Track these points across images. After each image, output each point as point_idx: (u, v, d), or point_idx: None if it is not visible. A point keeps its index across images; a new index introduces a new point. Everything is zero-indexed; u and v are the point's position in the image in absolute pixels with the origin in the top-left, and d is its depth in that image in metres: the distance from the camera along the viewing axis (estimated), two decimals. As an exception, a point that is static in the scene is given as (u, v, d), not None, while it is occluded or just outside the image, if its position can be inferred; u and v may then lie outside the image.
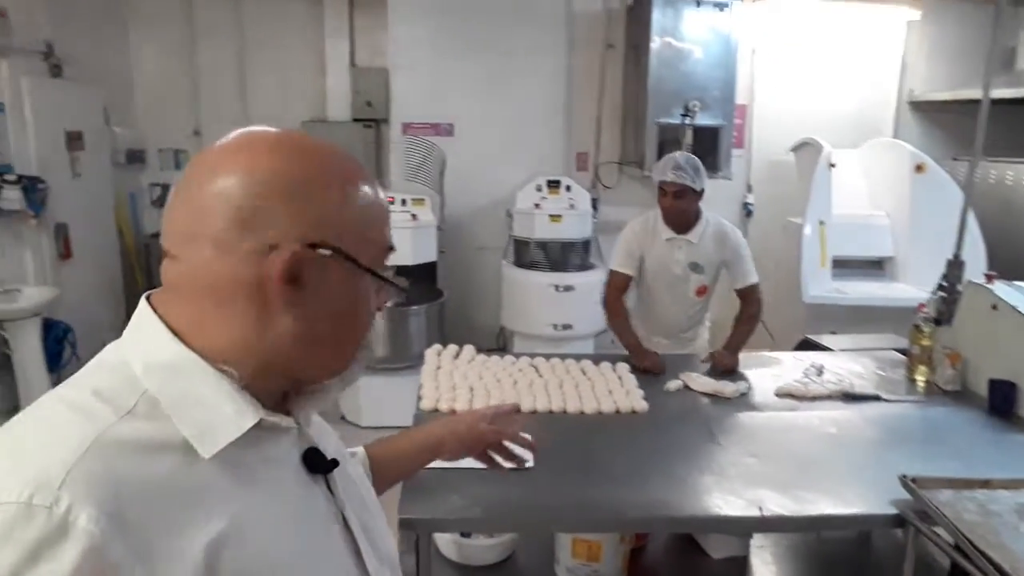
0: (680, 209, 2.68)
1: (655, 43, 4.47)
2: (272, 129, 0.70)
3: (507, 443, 1.21)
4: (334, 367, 0.73)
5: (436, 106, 4.94)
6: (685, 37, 4.51)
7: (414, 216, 4.01)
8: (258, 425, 0.66)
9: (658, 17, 4.45)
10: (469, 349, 2.55)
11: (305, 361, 0.70)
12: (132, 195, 5.18)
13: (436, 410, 2.10)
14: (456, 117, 4.96)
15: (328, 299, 0.68)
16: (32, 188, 3.74)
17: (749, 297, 2.77)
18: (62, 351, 3.86)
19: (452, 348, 2.56)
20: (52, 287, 3.89)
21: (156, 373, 0.64)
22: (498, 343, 4.99)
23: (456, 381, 2.27)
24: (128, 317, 0.70)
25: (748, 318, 2.74)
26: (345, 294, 0.69)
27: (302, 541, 0.68)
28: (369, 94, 5.30)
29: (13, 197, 3.65)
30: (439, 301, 4.12)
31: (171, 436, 0.61)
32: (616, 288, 2.79)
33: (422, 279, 4.27)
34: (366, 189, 0.70)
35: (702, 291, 2.82)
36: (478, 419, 1.20)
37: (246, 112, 5.43)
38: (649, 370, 2.47)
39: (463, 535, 2.00)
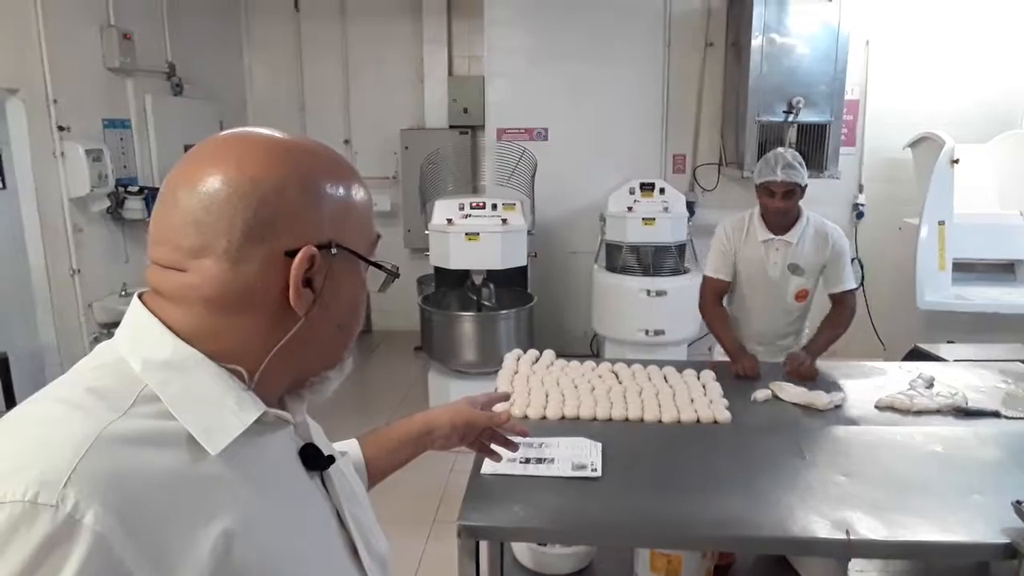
0: (787, 209, 2.55)
1: (757, 39, 4.29)
2: (253, 130, 0.70)
3: (500, 430, 1.20)
4: (336, 357, 0.75)
5: (530, 111, 4.95)
6: (789, 31, 4.30)
7: (504, 220, 4.02)
8: (258, 421, 0.66)
9: (760, 12, 4.26)
10: (549, 354, 2.51)
11: (314, 356, 0.72)
12: (244, 204, 5.49)
13: (510, 417, 2.06)
14: (550, 122, 4.95)
15: (339, 295, 0.70)
16: (153, 198, 4.03)
17: (842, 303, 2.61)
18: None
19: (532, 353, 2.53)
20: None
21: (155, 370, 0.64)
22: (590, 348, 4.92)
23: (532, 386, 2.23)
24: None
25: (837, 324, 2.58)
26: (352, 288, 0.72)
27: (303, 537, 0.68)
28: (466, 101, 5.40)
29: (136, 207, 3.95)
30: (528, 305, 4.10)
31: (173, 432, 0.61)
32: (712, 294, 2.70)
33: (512, 283, 4.27)
34: (358, 185, 0.72)
35: (802, 296, 2.66)
36: (469, 405, 1.18)
37: (349, 122, 5.66)
38: (745, 374, 2.35)
39: (539, 543, 1.97)
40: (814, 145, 4.28)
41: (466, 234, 3.94)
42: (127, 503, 0.55)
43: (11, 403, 2.99)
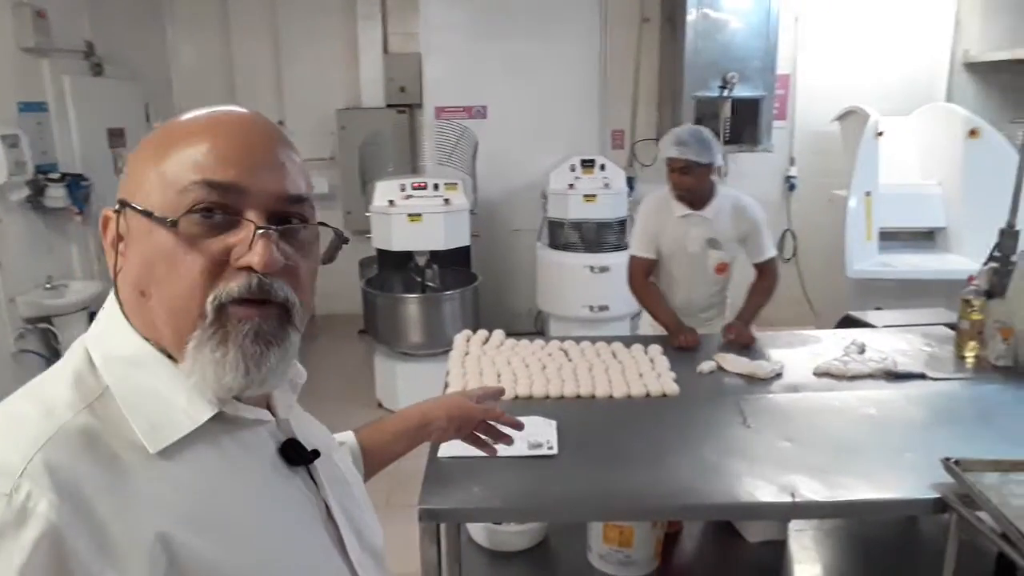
0: (687, 185, 2.59)
1: (691, 15, 4.35)
2: (199, 109, 0.70)
3: (494, 423, 1.19)
4: (168, 337, 0.66)
5: (468, 89, 4.90)
6: (723, 7, 4.37)
7: (447, 200, 3.99)
8: (223, 420, 0.66)
9: (694, -13, 4.31)
10: (498, 334, 2.53)
11: (148, 327, 0.66)
12: (175, 189, 5.29)
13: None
14: (489, 100, 4.92)
15: (133, 256, 0.67)
16: (76, 185, 3.84)
17: (766, 270, 2.70)
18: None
19: (482, 333, 2.54)
20: (98, 281, 4.01)
21: (114, 366, 0.65)
22: (535, 326, 4.96)
23: (484, 366, 2.25)
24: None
25: (763, 290, 2.68)
26: (143, 247, 0.66)
27: (271, 532, 0.67)
28: (402, 80, 5.31)
29: (58, 195, 3.75)
30: (473, 285, 4.11)
31: (127, 430, 0.62)
32: (640, 272, 2.74)
33: (456, 263, 4.26)
34: (179, 137, 0.67)
35: (722, 268, 2.73)
36: (466, 398, 1.18)
37: (282, 102, 5.50)
38: (687, 345, 2.42)
39: (494, 521, 1.99)
40: (748, 119, 4.39)
41: (408, 215, 3.90)
42: (77, 497, 0.56)
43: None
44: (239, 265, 0.64)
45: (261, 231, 0.64)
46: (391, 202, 3.93)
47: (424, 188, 4.00)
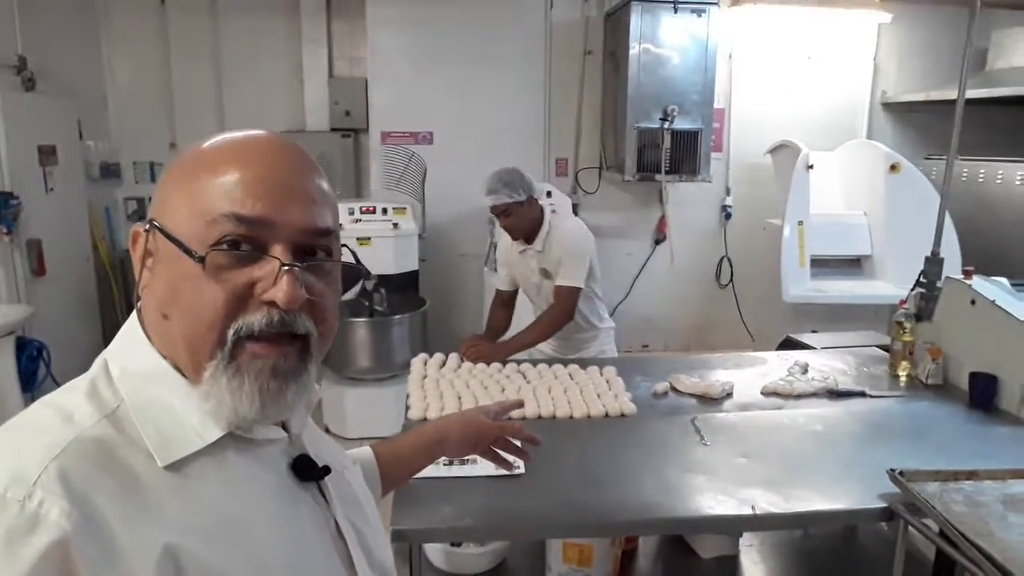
0: (512, 225, 2.69)
1: (634, 49, 4.50)
2: (232, 131, 0.72)
3: (512, 439, 1.22)
4: (185, 360, 0.67)
5: (415, 115, 4.93)
6: (663, 43, 4.55)
7: (396, 225, 4.00)
8: (235, 436, 0.68)
9: (636, 23, 4.48)
10: (454, 357, 2.54)
11: (168, 349, 0.68)
12: (107, 209, 5.11)
13: (425, 419, 2.08)
14: (435, 125, 4.96)
15: (159, 278, 0.68)
16: (4, 204, 3.68)
17: (558, 296, 2.69)
18: (36, 370, 3.78)
19: (438, 356, 2.55)
20: (26, 305, 3.82)
21: (130, 379, 0.67)
22: (482, 350, 4.97)
23: (443, 389, 2.25)
24: (104, 333, 0.71)
25: (547, 320, 2.72)
26: (169, 271, 0.66)
27: (280, 548, 0.68)
28: (348, 104, 5.29)
29: (-15, 214, 3.59)
30: (422, 310, 4.10)
31: (140, 442, 0.64)
32: (496, 304, 2.95)
33: (404, 288, 4.25)
34: (210, 162, 0.68)
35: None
36: (481, 414, 1.20)
37: (223, 123, 5.39)
38: (476, 357, 2.52)
39: (453, 544, 1.99)
40: (687, 150, 4.55)
41: (357, 239, 3.89)
42: (88, 506, 0.57)
43: None
44: (263, 299, 0.65)
45: (286, 268, 0.65)
46: (340, 226, 3.89)
47: (373, 212, 4.00)
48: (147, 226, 0.68)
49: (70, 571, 0.54)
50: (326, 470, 0.75)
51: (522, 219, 2.67)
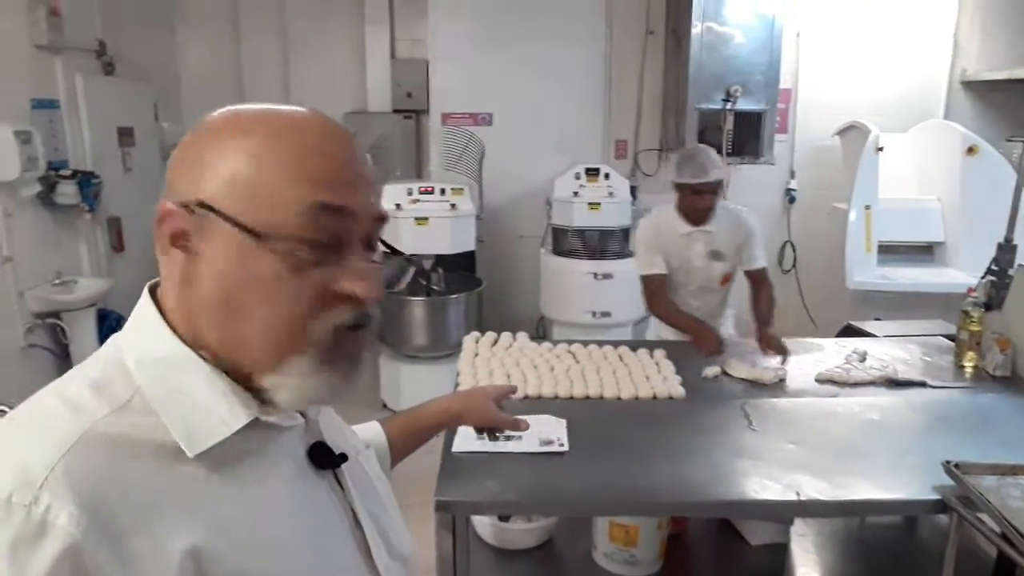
0: (707, 205, 2.65)
1: (696, 28, 4.41)
2: (239, 105, 0.67)
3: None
4: (254, 353, 0.63)
5: (475, 96, 4.96)
6: (727, 21, 4.44)
7: (453, 205, 4.04)
8: (257, 423, 0.64)
9: (699, 1, 4.38)
10: (507, 336, 2.58)
11: (224, 340, 0.63)
12: (181, 188, 5.32)
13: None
14: (495, 107, 4.98)
15: (214, 263, 0.62)
16: (87, 183, 3.88)
17: (760, 279, 2.76)
18: (116, 340, 4.00)
19: (490, 335, 2.59)
20: (106, 279, 4.04)
21: (148, 368, 0.62)
22: (537, 331, 5.00)
23: (493, 367, 2.29)
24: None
25: (765, 297, 2.73)
26: (229, 258, 0.61)
27: (300, 538, 0.66)
28: (409, 85, 5.36)
29: (69, 192, 3.79)
30: (477, 290, 4.15)
31: (162, 433, 0.60)
32: (655, 290, 2.78)
33: (461, 268, 4.31)
34: (274, 145, 0.62)
35: (726, 279, 2.81)
36: (491, 398, 1.22)
37: (289, 104, 5.51)
38: (713, 353, 2.45)
39: (501, 519, 2.03)
40: (750, 132, 4.45)
41: (415, 219, 3.95)
42: (101, 506, 0.54)
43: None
44: (346, 293, 0.63)
45: (375, 264, 0.64)
46: (398, 206, 3.97)
47: (431, 192, 4.05)
48: (193, 208, 0.61)
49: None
50: (343, 458, 0.73)
51: (715, 200, 2.66)
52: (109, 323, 3.96)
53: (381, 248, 0.69)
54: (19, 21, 3.67)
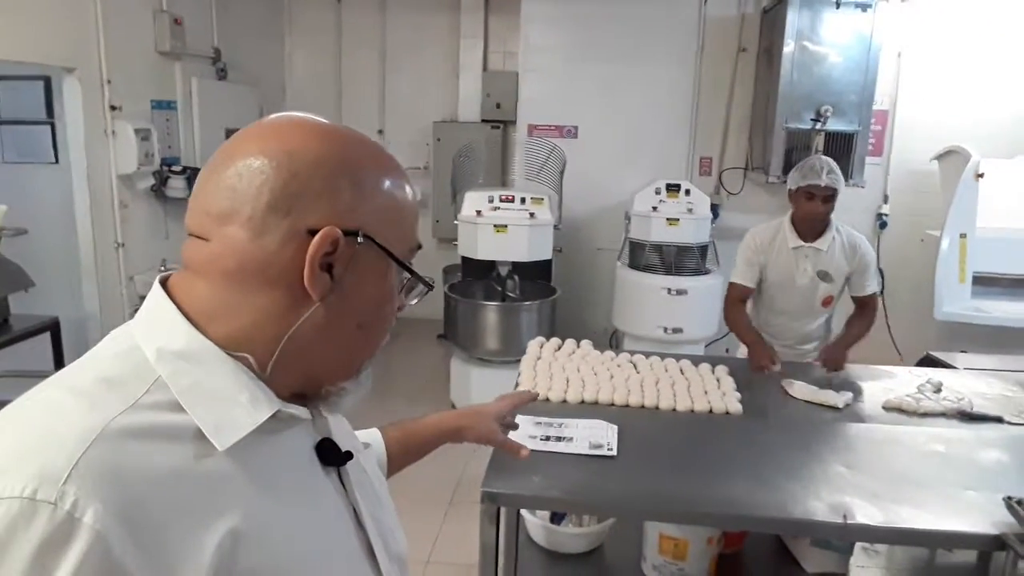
0: (826, 213, 2.65)
1: (788, 46, 4.33)
2: (311, 115, 0.69)
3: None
4: (352, 365, 0.71)
5: (562, 109, 5.04)
6: (822, 40, 4.34)
7: (532, 214, 4.12)
8: (273, 416, 0.64)
9: (793, 19, 4.30)
10: (571, 342, 2.62)
11: (326, 355, 0.68)
12: (280, 188, 5.64)
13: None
14: (581, 120, 5.04)
15: (358, 289, 0.67)
16: (195, 178, 4.17)
17: (867, 304, 2.73)
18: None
19: (555, 341, 2.64)
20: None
21: (169, 360, 0.62)
22: (610, 343, 5.01)
23: (554, 371, 2.34)
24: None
25: (862, 323, 2.70)
26: (375, 285, 0.68)
27: (313, 537, 0.66)
28: (499, 96, 5.50)
29: (178, 186, 4.12)
30: (552, 298, 4.21)
31: (183, 426, 0.59)
32: (735, 299, 2.78)
33: (537, 276, 4.38)
34: (402, 183, 0.70)
35: (828, 301, 2.76)
36: (494, 418, 1.24)
37: (383, 112, 5.80)
38: (765, 367, 2.44)
39: (553, 521, 2.07)
40: (841, 153, 4.31)
41: (495, 226, 4.05)
42: (129, 501, 0.53)
43: (60, 365, 3.17)
44: (402, 305, 0.74)
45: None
46: (479, 212, 4.09)
47: (511, 201, 4.14)
48: (360, 238, 0.65)
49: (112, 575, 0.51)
50: (348, 455, 0.73)
51: (830, 212, 2.68)
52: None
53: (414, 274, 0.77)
54: (146, 29, 4.03)
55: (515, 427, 1.31)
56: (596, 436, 1.87)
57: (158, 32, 4.07)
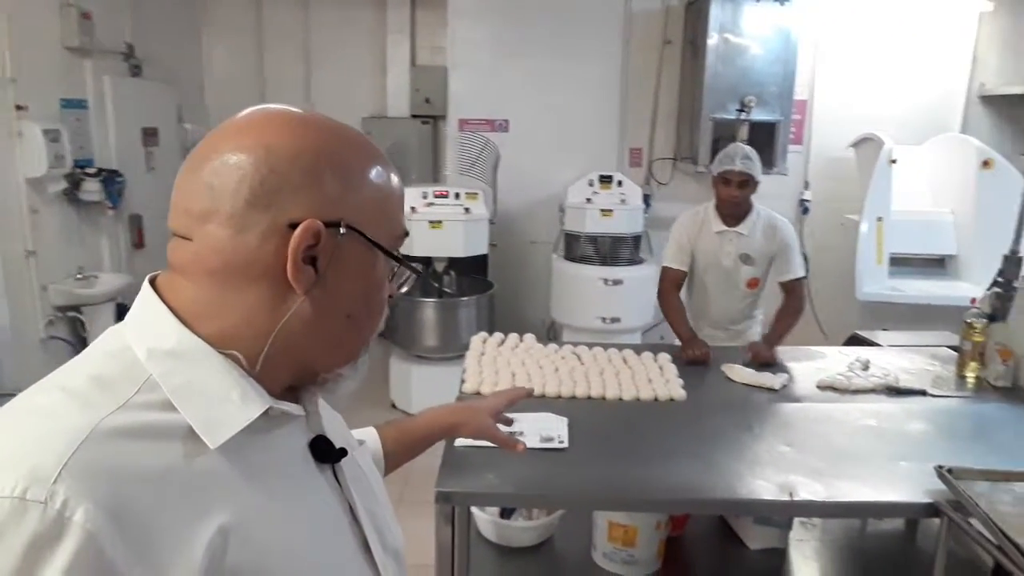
0: (743, 198, 2.72)
1: (712, 39, 4.45)
2: (288, 107, 0.68)
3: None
4: (346, 354, 0.71)
5: (492, 103, 5.02)
6: (744, 32, 4.47)
7: (467, 209, 4.10)
8: (265, 413, 0.65)
9: (716, 13, 4.42)
10: (514, 336, 2.62)
11: (317, 346, 0.68)
12: (202, 189, 5.43)
13: (478, 393, 2.17)
14: (511, 114, 5.04)
15: (344, 280, 0.67)
16: (111, 181, 3.99)
17: (793, 291, 2.79)
18: (135, 335, 4.09)
19: (498, 335, 2.64)
20: (126, 274, 4.14)
21: (160, 360, 0.62)
22: (547, 336, 5.04)
23: (499, 366, 2.33)
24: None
25: (791, 312, 2.76)
26: (362, 276, 0.68)
27: (308, 532, 0.67)
28: (428, 91, 5.44)
29: (93, 189, 3.91)
30: (489, 293, 4.21)
31: (174, 425, 0.60)
32: (670, 283, 2.84)
33: (473, 271, 4.37)
34: (384, 171, 0.69)
35: (753, 283, 2.84)
36: (489, 413, 1.26)
37: (310, 109, 5.64)
38: (697, 360, 2.49)
39: (502, 516, 2.06)
40: (764, 142, 4.45)
41: (429, 222, 4.01)
42: (119, 500, 0.53)
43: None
44: (392, 292, 0.74)
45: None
46: (413, 209, 4.04)
47: (446, 196, 4.12)
48: (342, 228, 0.64)
49: (103, 574, 0.51)
50: (343, 452, 0.74)
51: (747, 197, 2.74)
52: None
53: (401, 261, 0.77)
54: (52, 23, 3.79)
55: (509, 423, 1.30)
56: (547, 429, 1.87)
57: (65, 27, 3.84)
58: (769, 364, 2.47)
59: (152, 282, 0.67)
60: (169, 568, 0.54)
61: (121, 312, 3.99)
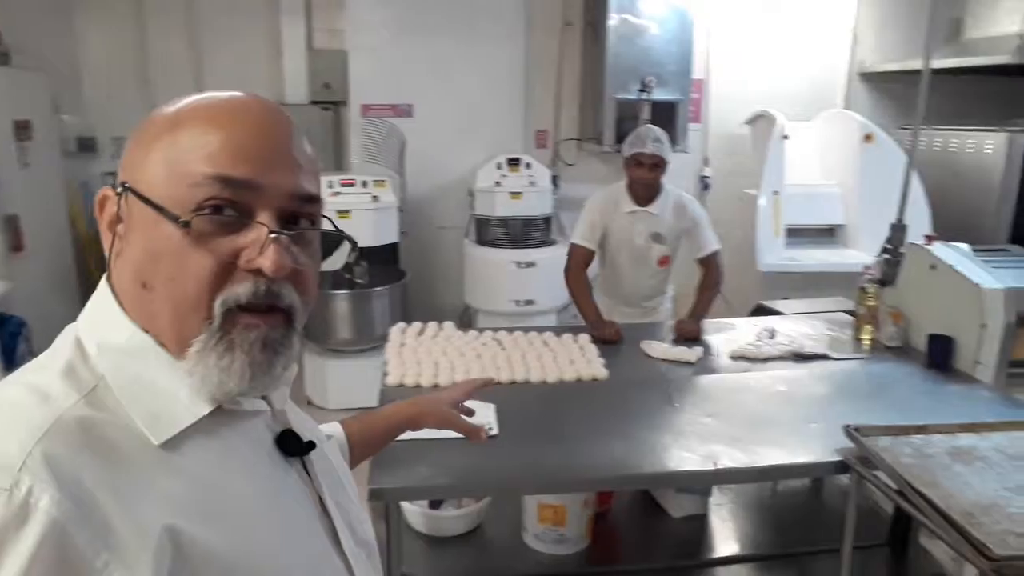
0: (655, 179, 2.78)
1: (613, 20, 4.50)
2: (210, 92, 0.69)
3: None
4: (167, 333, 0.64)
5: (395, 87, 4.91)
6: (642, 13, 4.55)
7: (375, 198, 4.01)
8: (220, 411, 0.64)
9: (615, -6, 4.48)
10: (433, 325, 2.60)
11: (157, 325, 0.64)
12: (85, 184, 5.07)
13: (402, 385, 2.14)
14: (415, 98, 4.94)
15: (133, 243, 0.64)
16: (-19, 179, 3.66)
17: (710, 265, 2.88)
18: (16, 346, 3.79)
19: (417, 325, 2.60)
20: (4, 281, 3.82)
21: (109, 356, 0.63)
22: (462, 321, 5.03)
23: (421, 357, 2.31)
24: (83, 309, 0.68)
25: (710, 285, 2.86)
26: (146, 236, 0.63)
27: (273, 524, 0.66)
28: (327, 76, 5.25)
29: (-39, 188, 3.57)
30: (401, 282, 4.14)
31: (128, 419, 0.61)
32: (577, 261, 2.87)
33: (384, 260, 4.28)
34: (189, 123, 0.64)
35: (664, 261, 2.92)
36: (451, 404, 1.24)
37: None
38: (608, 340, 2.53)
39: (431, 507, 2.05)
40: (666, 121, 4.54)
41: (337, 211, 3.90)
42: (81, 489, 0.54)
43: None
44: (248, 268, 0.63)
45: (274, 235, 0.62)
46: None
47: (352, 185, 4.01)
48: (119, 189, 0.64)
49: (66, 561, 0.52)
50: (311, 445, 0.73)
51: (659, 179, 2.78)
52: (10, 328, 3.75)
53: (314, 229, 0.69)
54: (-102, 7, 3.42)
55: (471, 413, 1.28)
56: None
57: (-85, 11, 3.48)
58: (696, 339, 2.54)
59: (109, 277, 0.68)
60: (134, 555, 0.54)
61: (2, 322, 3.70)
